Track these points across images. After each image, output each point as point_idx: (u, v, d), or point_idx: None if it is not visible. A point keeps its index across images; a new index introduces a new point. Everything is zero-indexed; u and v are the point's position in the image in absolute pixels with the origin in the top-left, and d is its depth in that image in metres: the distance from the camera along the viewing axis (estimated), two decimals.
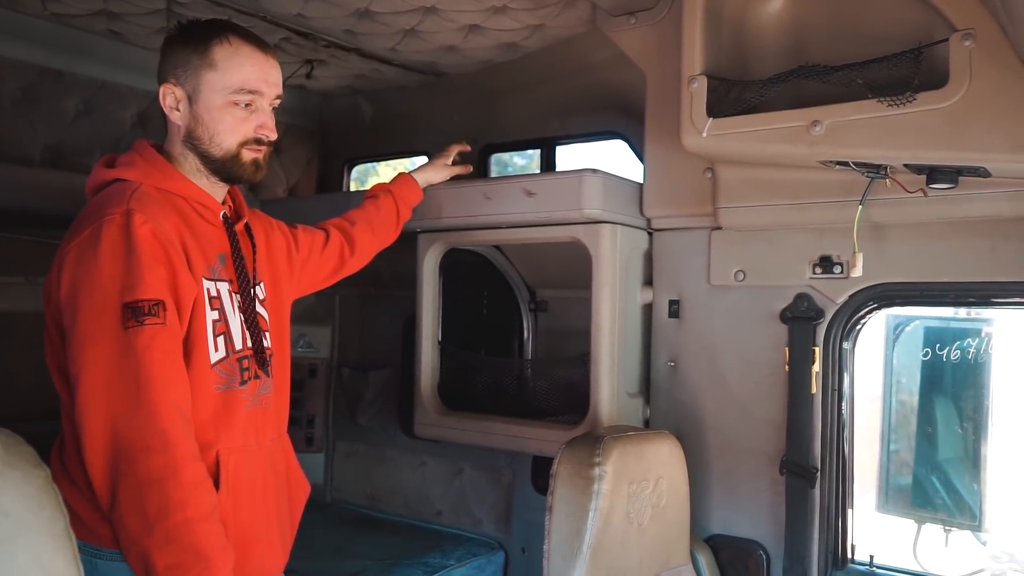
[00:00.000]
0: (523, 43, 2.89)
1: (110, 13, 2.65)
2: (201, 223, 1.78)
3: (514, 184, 2.48)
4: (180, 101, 1.78)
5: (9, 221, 2.75)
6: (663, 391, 2.52)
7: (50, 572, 1.33)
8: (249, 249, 1.91)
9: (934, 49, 1.84)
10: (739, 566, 2.37)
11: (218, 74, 1.75)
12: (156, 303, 1.58)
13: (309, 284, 2.23)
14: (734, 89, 2.12)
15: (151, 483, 1.51)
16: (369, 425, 3.57)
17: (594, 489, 1.97)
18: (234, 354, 1.77)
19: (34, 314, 2.81)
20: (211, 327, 1.72)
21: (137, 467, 1.51)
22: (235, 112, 1.77)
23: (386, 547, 3.05)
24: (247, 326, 1.80)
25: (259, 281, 1.92)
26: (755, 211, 2.26)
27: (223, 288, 1.77)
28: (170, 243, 1.65)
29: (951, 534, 2.61)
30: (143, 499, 1.51)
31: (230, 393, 1.75)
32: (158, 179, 1.75)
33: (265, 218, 2.10)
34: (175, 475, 1.52)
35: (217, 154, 1.79)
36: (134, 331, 1.55)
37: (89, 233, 1.60)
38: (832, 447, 2.24)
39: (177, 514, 1.51)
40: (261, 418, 1.84)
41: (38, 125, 2.86)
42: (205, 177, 1.82)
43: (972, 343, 2.59)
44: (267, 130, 1.82)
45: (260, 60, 1.80)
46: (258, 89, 1.79)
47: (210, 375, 1.71)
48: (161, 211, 1.68)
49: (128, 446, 1.52)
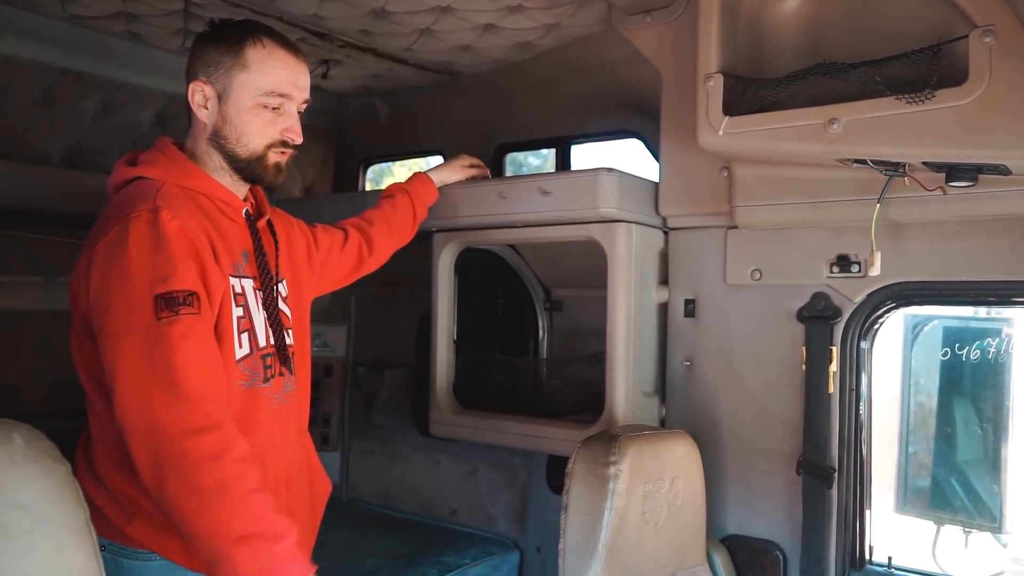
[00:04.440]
0: (538, 42, 2.89)
1: (128, 15, 2.67)
2: (224, 220, 1.79)
3: (529, 183, 2.48)
4: (209, 99, 1.78)
5: (28, 220, 2.79)
6: (679, 390, 2.51)
7: (70, 566, 1.35)
8: (272, 246, 1.91)
9: (953, 46, 1.83)
10: (755, 566, 2.36)
11: (250, 75, 1.76)
12: (190, 293, 1.57)
13: (328, 283, 2.24)
14: (750, 87, 2.11)
15: (203, 461, 1.48)
16: (384, 424, 3.58)
17: (609, 488, 1.97)
18: (258, 351, 1.77)
19: (52, 313, 2.86)
20: (236, 324, 1.72)
21: (185, 449, 1.48)
22: (264, 114, 1.79)
23: (401, 545, 3.06)
24: (270, 323, 1.81)
25: (281, 278, 1.92)
26: (772, 210, 2.25)
27: (247, 285, 1.77)
28: (197, 238, 1.65)
29: (971, 536, 2.59)
30: (199, 478, 1.48)
31: (253, 391, 1.76)
32: (180, 177, 1.76)
33: (285, 216, 2.11)
34: (227, 451, 1.50)
35: (243, 154, 1.80)
36: (168, 321, 1.54)
37: (117, 231, 1.60)
38: (850, 447, 2.23)
39: (238, 486, 1.49)
40: (285, 416, 1.85)
41: (57, 125, 2.89)
42: (228, 175, 1.83)
43: (992, 343, 2.56)
44: (294, 133, 1.83)
45: (292, 64, 1.82)
46: (288, 93, 1.80)
47: (235, 372, 1.72)
48: (186, 209, 1.69)
49: (172, 433, 1.49)
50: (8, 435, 1.32)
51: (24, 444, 1.33)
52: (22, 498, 1.31)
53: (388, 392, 3.56)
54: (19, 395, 2.79)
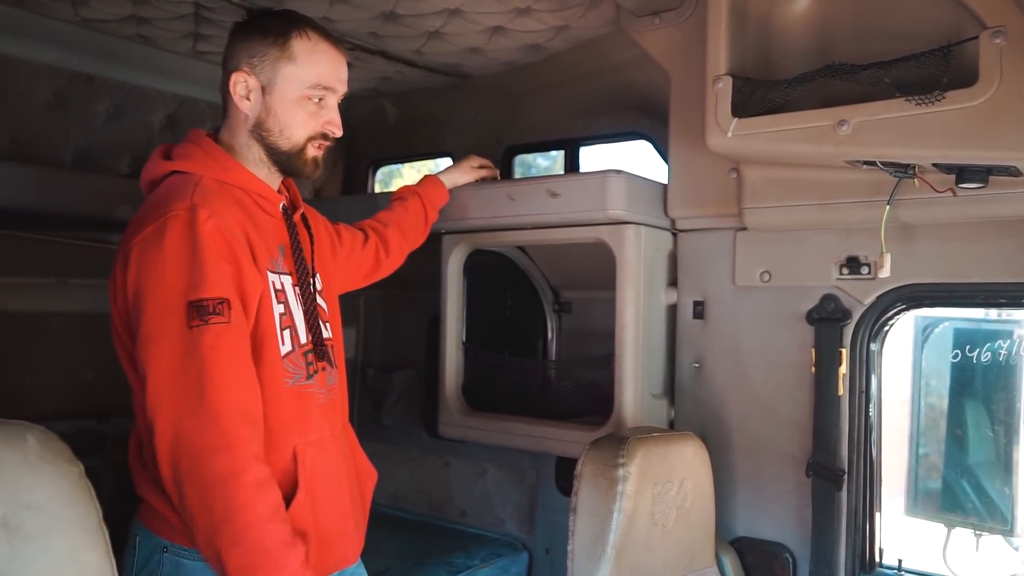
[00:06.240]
0: (547, 44, 2.89)
1: (139, 18, 2.69)
2: (261, 215, 1.77)
3: (538, 185, 2.49)
4: (252, 91, 1.76)
5: (40, 222, 2.80)
6: (688, 392, 2.51)
7: (84, 566, 1.36)
8: (307, 240, 1.90)
9: (963, 47, 1.82)
10: (765, 569, 2.35)
11: (297, 68, 1.75)
12: (221, 301, 1.56)
13: (348, 282, 2.23)
14: (759, 89, 2.10)
15: (215, 485, 1.49)
16: (393, 425, 3.59)
17: (618, 490, 1.97)
18: (300, 348, 1.76)
19: (65, 314, 2.89)
20: (279, 321, 1.71)
21: (202, 468, 1.49)
22: (307, 107, 1.78)
23: (410, 546, 3.06)
24: (307, 318, 1.79)
25: (316, 272, 1.91)
26: (781, 211, 2.25)
27: (287, 281, 1.76)
28: (235, 238, 1.63)
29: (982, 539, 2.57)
30: (208, 500, 1.49)
31: (298, 387, 1.74)
32: (217, 171, 1.73)
33: (313, 211, 2.08)
34: (237, 477, 1.50)
35: (284, 147, 1.79)
36: (198, 330, 1.53)
37: (153, 230, 1.58)
38: (859, 449, 2.22)
39: (242, 517, 1.49)
40: (331, 409, 1.85)
41: (69, 128, 2.91)
42: (266, 168, 1.81)
43: (1003, 345, 2.54)
44: (335, 126, 1.82)
45: (336, 57, 1.81)
46: (332, 86, 1.80)
47: (280, 369, 1.70)
48: (224, 205, 1.66)
49: (192, 447, 1.50)
50: (22, 436, 1.33)
51: (38, 445, 1.34)
52: (36, 499, 1.32)
53: (397, 393, 3.57)
54: (32, 396, 2.80)
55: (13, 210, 2.58)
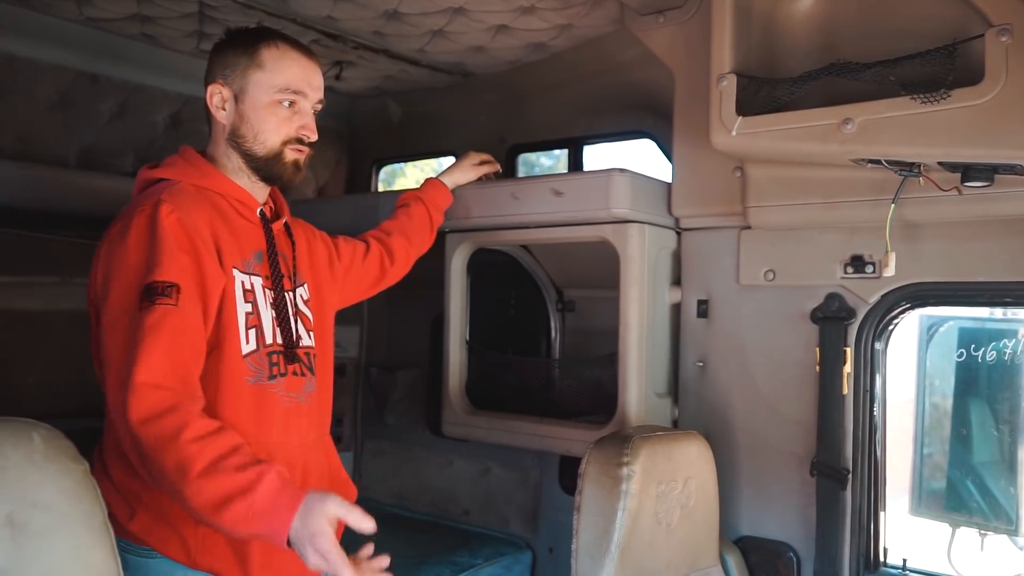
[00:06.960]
0: (551, 43, 2.89)
1: (143, 17, 2.69)
2: (239, 220, 1.83)
3: (542, 184, 2.48)
4: (227, 100, 1.83)
5: (45, 222, 2.81)
6: (692, 391, 2.51)
7: (88, 564, 1.36)
8: (288, 248, 1.94)
9: (969, 45, 1.82)
10: (769, 568, 2.35)
11: (265, 74, 1.82)
12: (171, 285, 1.60)
13: (353, 293, 2.27)
14: (764, 87, 2.10)
15: (162, 446, 1.49)
16: (397, 424, 3.59)
17: (622, 489, 1.97)
18: (264, 348, 1.79)
19: (69, 313, 2.89)
20: (243, 319, 1.74)
21: (144, 436, 1.50)
22: (279, 111, 1.83)
23: (414, 546, 3.06)
24: (278, 322, 1.82)
25: (302, 282, 1.96)
26: (785, 210, 2.24)
27: (257, 282, 1.80)
28: (197, 233, 1.68)
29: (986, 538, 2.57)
30: (163, 463, 1.49)
31: (260, 387, 1.77)
32: (196, 177, 1.81)
33: (308, 226, 2.14)
34: (180, 433, 1.50)
35: (260, 152, 1.84)
36: (146, 310, 1.57)
37: (120, 227, 1.67)
38: (864, 449, 2.22)
39: (197, 463, 1.48)
40: (300, 417, 1.86)
41: (73, 128, 2.92)
42: (247, 177, 1.87)
43: (1008, 344, 2.54)
44: (308, 131, 1.87)
45: (305, 63, 1.87)
46: (302, 90, 1.85)
47: (241, 366, 1.73)
48: (195, 204, 1.73)
49: (132, 421, 1.51)
50: (27, 435, 1.34)
51: (43, 444, 1.35)
52: (41, 497, 1.32)
53: (401, 392, 3.57)
54: (37, 395, 2.81)
55: (17, 209, 2.59)
